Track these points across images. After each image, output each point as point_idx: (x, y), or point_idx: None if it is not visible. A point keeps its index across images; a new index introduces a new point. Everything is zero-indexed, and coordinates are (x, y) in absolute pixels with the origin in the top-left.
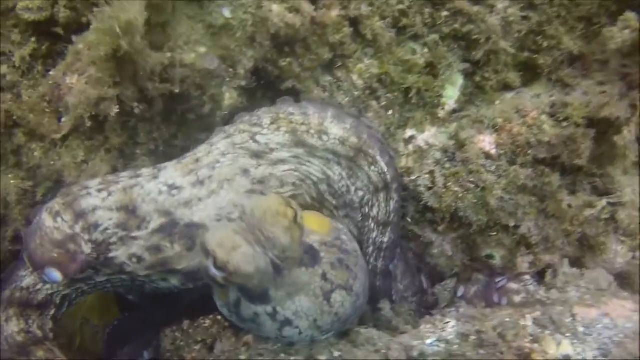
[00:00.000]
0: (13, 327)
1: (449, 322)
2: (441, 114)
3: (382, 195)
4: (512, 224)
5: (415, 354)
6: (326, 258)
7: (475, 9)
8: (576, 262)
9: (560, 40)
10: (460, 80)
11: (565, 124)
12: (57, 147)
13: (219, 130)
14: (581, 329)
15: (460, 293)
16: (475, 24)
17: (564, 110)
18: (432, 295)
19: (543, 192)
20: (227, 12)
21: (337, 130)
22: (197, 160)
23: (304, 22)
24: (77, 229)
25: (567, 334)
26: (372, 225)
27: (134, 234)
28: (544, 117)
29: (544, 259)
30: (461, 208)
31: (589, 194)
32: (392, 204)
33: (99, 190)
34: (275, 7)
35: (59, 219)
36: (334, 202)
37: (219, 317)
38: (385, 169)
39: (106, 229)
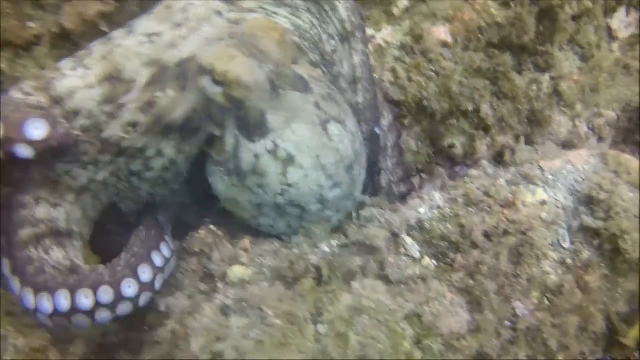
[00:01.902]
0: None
1: (434, 193)
2: (395, 11)
3: (345, 46)
4: (470, 108)
5: (413, 222)
6: (316, 90)
7: None
8: (526, 140)
9: None
10: None
11: (512, 4)
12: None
13: None
14: (550, 177)
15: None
16: None
17: None
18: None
19: (496, 73)
20: None
21: None
22: (168, 7)
23: None
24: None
25: (539, 183)
26: (343, 84)
27: (122, 100)
28: (490, 2)
29: (500, 140)
30: (425, 97)
31: (533, 72)
32: (357, 56)
33: (74, 69)
34: None
35: (32, 97)
36: (310, 56)
37: (212, 227)
38: (345, 16)
39: (90, 111)
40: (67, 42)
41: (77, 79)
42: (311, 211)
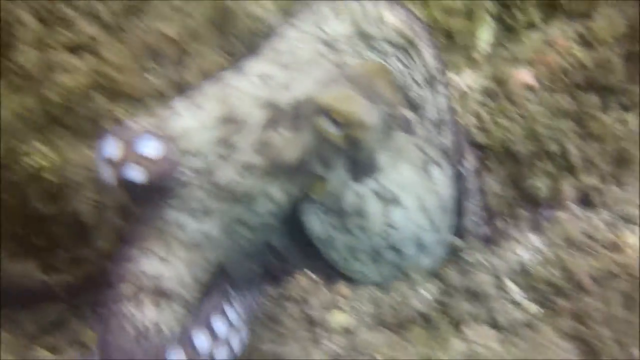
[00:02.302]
0: (148, 314)
1: (530, 235)
2: (477, 56)
3: (430, 90)
4: (555, 149)
5: (516, 266)
6: (418, 131)
7: None
8: (614, 180)
9: None
10: (491, 22)
11: (596, 46)
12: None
13: (282, 24)
14: None
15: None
16: None
17: (590, 33)
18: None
19: (581, 114)
20: None
21: (392, 18)
22: (275, 49)
23: None
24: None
25: (636, 222)
26: (430, 126)
27: (236, 142)
28: (573, 44)
29: (586, 181)
30: (510, 139)
31: (619, 111)
32: (442, 99)
33: (188, 109)
34: None
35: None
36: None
37: (308, 273)
38: (432, 62)
39: (204, 152)
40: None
41: (192, 120)
42: (407, 255)
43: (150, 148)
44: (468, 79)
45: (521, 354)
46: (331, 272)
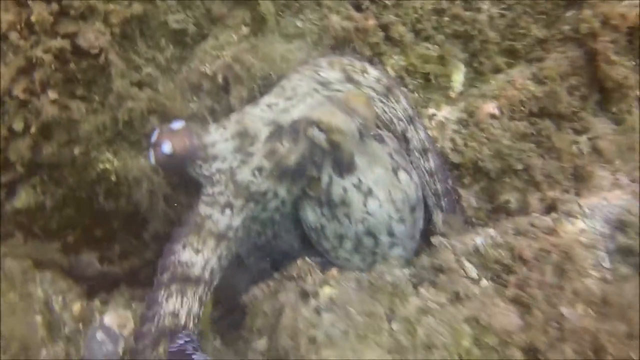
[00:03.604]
0: (170, 307)
1: (489, 229)
2: (452, 94)
3: (412, 127)
4: (520, 167)
5: (471, 249)
6: (389, 143)
7: (467, 13)
8: (575, 194)
9: (529, 30)
10: (462, 67)
11: (546, 81)
12: None
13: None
14: (587, 211)
15: None
16: (469, 24)
17: (541, 73)
18: None
19: (539, 137)
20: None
21: (373, 71)
22: (282, 87)
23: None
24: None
25: (578, 216)
26: (417, 154)
27: (250, 150)
28: (528, 82)
29: (550, 195)
30: (480, 159)
31: (572, 135)
32: (422, 132)
33: (217, 129)
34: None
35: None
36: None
37: (307, 259)
38: (407, 106)
39: (225, 156)
40: None
41: (217, 134)
42: (381, 242)
43: (177, 124)
44: (445, 113)
45: (468, 311)
46: (324, 261)
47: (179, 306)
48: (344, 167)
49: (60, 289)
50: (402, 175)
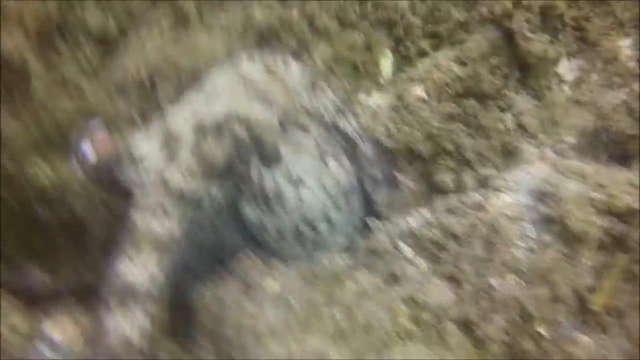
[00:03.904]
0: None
1: (423, 209)
2: (381, 81)
3: (342, 117)
4: (451, 147)
5: (406, 230)
6: (314, 132)
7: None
8: (505, 169)
9: (450, 13)
10: (389, 54)
11: (467, 62)
12: None
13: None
14: (512, 184)
15: None
16: (392, 10)
17: (464, 54)
18: None
19: (466, 117)
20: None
21: (294, 64)
22: (203, 83)
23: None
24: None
25: (504, 190)
26: (351, 142)
27: (176, 148)
28: (452, 64)
29: (482, 172)
30: (412, 141)
31: (497, 112)
32: (353, 121)
33: (140, 132)
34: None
35: None
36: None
37: (249, 253)
38: (335, 97)
39: (151, 158)
40: None
41: (140, 137)
42: (320, 231)
43: (98, 131)
44: (376, 99)
45: (404, 291)
46: (266, 253)
47: (125, 324)
48: (270, 158)
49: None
50: (331, 162)
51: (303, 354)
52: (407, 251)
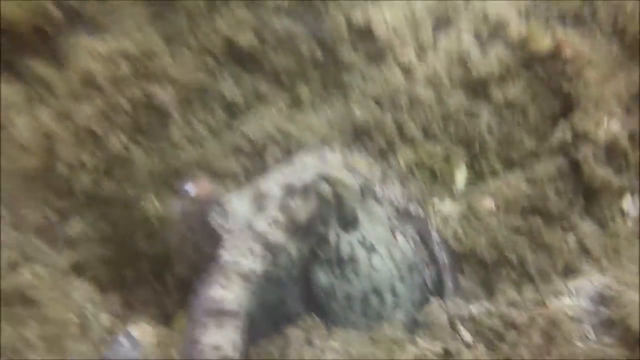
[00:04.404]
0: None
1: (484, 301)
2: (454, 190)
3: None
4: (514, 259)
5: (466, 315)
6: (387, 207)
7: (471, 120)
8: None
9: (522, 140)
10: (464, 167)
11: (536, 183)
12: None
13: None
14: (573, 290)
15: None
16: (471, 130)
17: (532, 176)
18: None
19: (531, 232)
20: None
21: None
22: (293, 162)
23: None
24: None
25: (564, 294)
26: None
27: (264, 205)
28: (521, 182)
29: (542, 288)
30: (477, 247)
31: (560, 232)
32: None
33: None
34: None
35: None
36: None
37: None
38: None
39: (241, 212)
40: None
41: (235, 196)
42: (387, 302)
43: (203, 177)
44: (448, 205)
45: None
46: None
47: (220, 338)
48: (348, 221)
49: None
50: (399, 236)
51: None
52: (466, 335)
